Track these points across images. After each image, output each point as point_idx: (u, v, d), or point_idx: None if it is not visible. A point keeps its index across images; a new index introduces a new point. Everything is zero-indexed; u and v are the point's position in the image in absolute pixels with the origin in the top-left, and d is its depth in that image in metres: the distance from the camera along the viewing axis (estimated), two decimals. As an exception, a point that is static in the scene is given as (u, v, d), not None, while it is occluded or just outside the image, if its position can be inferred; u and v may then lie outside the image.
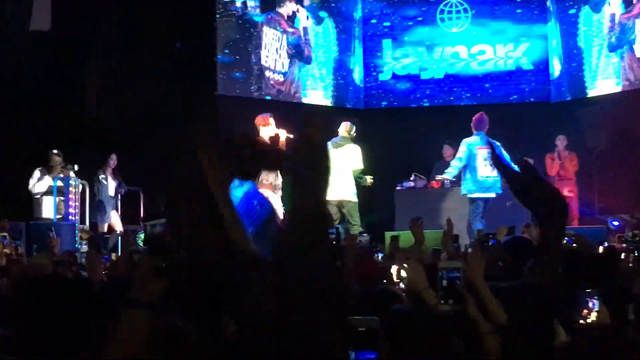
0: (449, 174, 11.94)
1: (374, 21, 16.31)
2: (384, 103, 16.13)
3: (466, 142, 11.74)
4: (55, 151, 11.81)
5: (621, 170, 13.56)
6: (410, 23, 16.14)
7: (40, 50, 13.07)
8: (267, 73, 14.69)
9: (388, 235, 10.29)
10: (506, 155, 9.77)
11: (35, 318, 2.43)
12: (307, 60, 15.34)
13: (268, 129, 10.84)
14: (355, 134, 11.82)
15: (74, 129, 12.94)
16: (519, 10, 15.83)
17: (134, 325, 2.06)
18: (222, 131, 13.59)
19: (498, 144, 10.41)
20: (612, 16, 14.49)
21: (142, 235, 10.64)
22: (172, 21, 13.79)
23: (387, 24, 16.24)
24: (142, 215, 12.97)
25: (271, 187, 10.95)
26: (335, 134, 12.37)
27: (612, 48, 14.48)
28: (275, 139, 10.25)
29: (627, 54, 14.25)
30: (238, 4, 14.32)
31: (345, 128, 11.75)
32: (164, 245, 2.17)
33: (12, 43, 12.84)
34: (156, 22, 13.78)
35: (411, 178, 12.76)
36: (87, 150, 12.94)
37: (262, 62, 14.62)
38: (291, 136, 10.67)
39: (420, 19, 16.13)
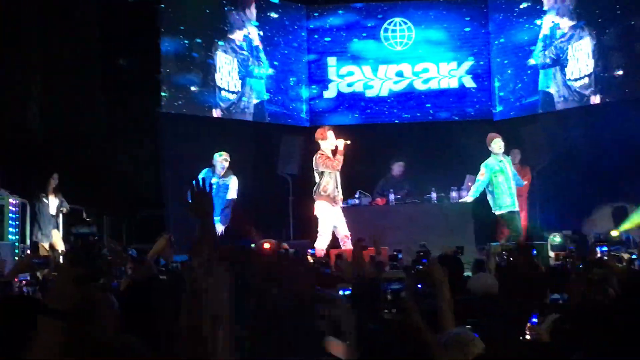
0: None
1: (319, 38, 16.37)
2: (329, 120, 16.15)
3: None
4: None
5: (562, 186, 13.79)
6: (355, 41, 16.25)
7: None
8: (222, 93, 14.64)
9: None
10: None
11: None
12: (258, 78, 15.33)
13: (327, 142, 11.29)
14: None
15: (15, 146, 12.70)
16: (462, 30, 16.06)
17: (48, 333, 2.01)
18: (164, 148, 13.51)
19: None
20: (545, 37, 14.88)
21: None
22: (115, 38, 13.64)
23: (332, 41, 16.31)
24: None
25: (329, 199, 11.07)
26: (282, 151, 12.41)
27: (544, 66, 14.84)
28: None
29: (558, 74, 14.60)
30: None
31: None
32: (87, 255, 2.12)
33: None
34: (100, 38, 13.63)
35: (356, 195, 12.79)
36: (28, 168, 12.70)
37: (216, 82, 14.56)
38: (349, 142, 11.23)
39: (365, 36, 16.24)
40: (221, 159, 12.18)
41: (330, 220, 11.24)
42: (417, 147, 13.93)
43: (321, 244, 11.05)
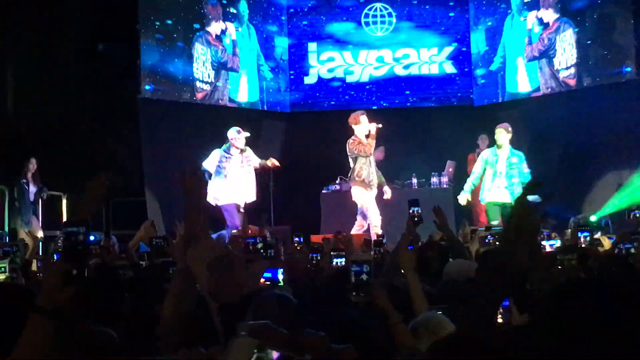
0: None
1: (298, 22, 16.33)
2: (310, 106, 16.15)
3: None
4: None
5: (542, 171, 13.86)
6: (336, 27, 16.22)
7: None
8: (197, 84, 14.56)
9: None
10: None
11: None
12: (234, 70, 15.26)
13: (360, 127, 11.24)
14: None
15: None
16: (444, 15, 16.05)
17: (38, 331, 2.01)
18: (144, 135, 13.45)
19: None
20: (530, 31, 14.92)
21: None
22: (94, 24, 13.54)
23: (311, 25, 16.28)
24: (64, 221, 12.71)
25: (364, 184, 11.10)
26: (263, 138, 12.35)
27: (531, 59, 14.87)
28: None
29: (546, 66, 14.63)
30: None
31: None
32: (81, 253, 2.11)
33: None
34: (78, 23, 13.53)
35: (337, 181, 12.80)
36: (7, 155, 12.62)
37: (193, 73, 14.48)
38: (380, 126, 11.16)
39: (345, 21, 16.21)
40: (239, 135, 11.99)
41: (367, 205, 11.28)
42: (397, 133, 13.92)
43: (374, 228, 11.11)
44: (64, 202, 13.18)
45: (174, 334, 2.92)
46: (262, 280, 4.33)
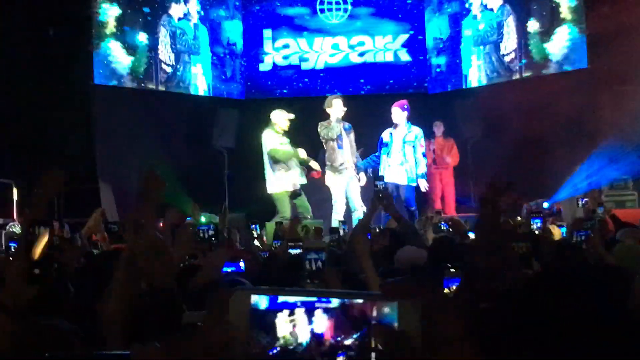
0: None
1: (255, 8, 16.24)
2: (265, 94, 16.09)
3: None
4: None
5: (495, 159, 14.01)
6: (291, 13, 16.16)
7: None
8: (158, 66, 14.40)
9: (270, 225, 10.27)
10: None
11: None
12: (195, 54, 15.14)
13: (332, 110, 11.46)
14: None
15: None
16: (399, 3, 16.08)
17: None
18: (97, 121, 13.29)
19: None
20: (475, 17, 15.07)
21: (16, 229, 10.22)
22: (45, 7, 13.30)
23: (267, 14, 16.20)
24: (15, 210, 12.51)
25: (332, 169, 11.42)
26: (217, 125, 12.27)
27: (480, 43, 14.99)
28: None
29: (495, 54, 14.76)
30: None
31: None
32: (43, 253, 2.08)
33: None
34: (29, 7, 13.29)
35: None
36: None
37: (152, 56, 14.31)
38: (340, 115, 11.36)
39: (299, 7, 16.16)
40: (283, 117, 11.83)
41: (333, 190, 11.25)
42: (351, 121, 13.93)
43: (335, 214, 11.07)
44: (14, 190, 12.96)
45: (118, 328, 2.88)
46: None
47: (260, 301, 1.30)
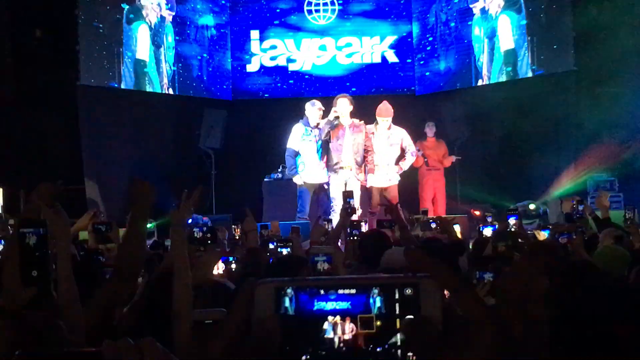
0: None
1: (239, 8, 16.22)
2: (252, 95, 16.07)
3: None
4: None
5: (481, 160, 14.05)
6: (279, 14, 16.15)
7: None
8: (139, 65, 14.32)
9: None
10: None
11: None
12: (182, 54, 15.10)
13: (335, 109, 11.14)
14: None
15: None
16: (386, 4, 16.08)
17: None
18: (82, 122, 13.23)
19: None
20: (474, 19, 15.05)
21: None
22: (31, 9, 13.25)
23: (255, 15, 16.19)
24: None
25: (329, 168, 11.10)
26: (204, 126, 12.21)
27: (469, 45, 15.02)
28: None
29: (487, 56, 14.78)
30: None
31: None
32: (39, 255, 2.06)
33: None
34: (15, 8, 13.24)
35: (279, 170, 12.78)
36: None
37: (130, 55, 14.22)
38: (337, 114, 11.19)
39: (287, 8, 16.14)
40: (316, 108, 11.73)
41: (330, 190, 11.18)
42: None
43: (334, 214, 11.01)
44: (0, 191, 12.88)
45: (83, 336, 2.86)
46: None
47: (290, 306, 1.31)
